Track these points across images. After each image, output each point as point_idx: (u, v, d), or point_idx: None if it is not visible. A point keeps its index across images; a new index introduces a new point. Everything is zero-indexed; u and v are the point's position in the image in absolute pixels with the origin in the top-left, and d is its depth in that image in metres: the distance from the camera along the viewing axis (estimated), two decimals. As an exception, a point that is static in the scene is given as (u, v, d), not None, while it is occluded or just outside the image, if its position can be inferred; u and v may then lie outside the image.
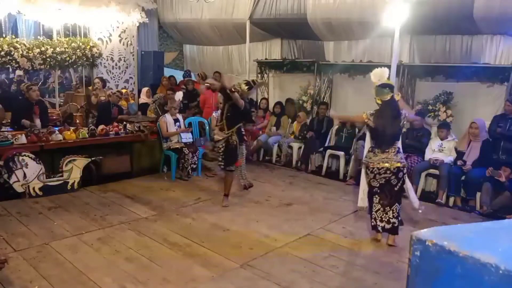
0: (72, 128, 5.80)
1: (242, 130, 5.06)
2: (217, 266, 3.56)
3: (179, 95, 6.75)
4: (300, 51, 8.30)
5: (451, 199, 5.51)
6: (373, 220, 4.11)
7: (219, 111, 7.11)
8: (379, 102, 4.02)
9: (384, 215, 4.03)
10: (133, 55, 8.17)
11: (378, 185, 4.04)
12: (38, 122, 5.87)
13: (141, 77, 8.55)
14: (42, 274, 3.30)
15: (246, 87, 4.96)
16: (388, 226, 4.02)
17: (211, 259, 3.69)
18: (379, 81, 4.02)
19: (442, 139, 5.82)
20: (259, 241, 4.10)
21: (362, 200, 4.36)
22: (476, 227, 1.10)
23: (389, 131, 4.00)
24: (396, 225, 4.02)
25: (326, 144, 7.17)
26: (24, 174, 5.04)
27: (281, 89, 8.63)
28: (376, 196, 4.08)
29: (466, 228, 1.08)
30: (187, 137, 6.47)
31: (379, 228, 4.06)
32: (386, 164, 3.97)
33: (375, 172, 4.02)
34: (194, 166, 6.34)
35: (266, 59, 8.48)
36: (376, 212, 4.08)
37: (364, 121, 4.23)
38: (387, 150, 4.00)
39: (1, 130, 5.49)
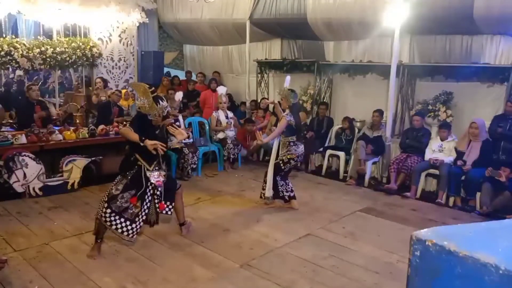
0: (72, 128, 5.80)
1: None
2: (217, 266, 3.56)
3: (179, 95, 6.75)
4: (300, 51, 8.30)
5: (451, 199, 5.51)
6: (288, 193, 5.01)
7: (219, 111, 7.12)
8: (290, 103, 4.82)
9: (288, 187, 5.06)
10: (133, 55, 8.17)
11: (288, 169, 5.04)
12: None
13: (141, 77, 8.54)
14: (42, 274, 3.30)
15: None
16: (292, 194, 5.07)
17: (211, 259, 3.69)
18: (288, 87, 4.93)
19: (443, 140, 5.82)
20: (259, 241, 4.10)
21: (269, 190, 4.95)
22: (476, 227, 1.10)
23: (300, 127, 5.14)
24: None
25: (326, 144, 7.17)
26: (24, 174, 5.04)
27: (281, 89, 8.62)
28: (287, 177, 5.08)
29: (466, 228, 1.08)
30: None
31: (287, 197, 5.03)
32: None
33: (298, 160, 5.04)
34: (194, 166, 6.34)
35: (266, 59, 8.48)
36: (287, 186, 5.04)
37: (287, 124, 4.82)
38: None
39: (1, 130, 5.48)
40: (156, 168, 3.68)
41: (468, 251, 0.90)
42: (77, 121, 6.38)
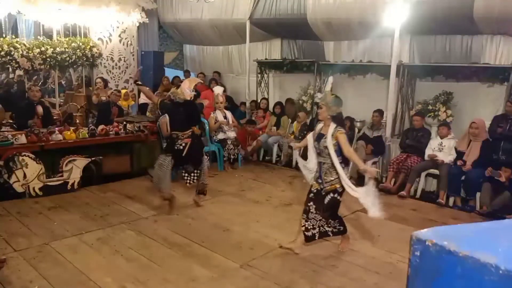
0: (72, 128, 5.80)
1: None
2: (217, 266, 3.56)
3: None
4: (300, 51, 8.30)
5: (451, 199, 5.51)
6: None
7: (217, 111, 7.10)
8: (334, 113, 3.87)
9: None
10: (133, 55, 8.17)
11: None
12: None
13: (141, 77, 8.54)
14: (42, 274, 3.30)
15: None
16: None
17: (211, 259, 3.69)
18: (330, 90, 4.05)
19: (442, 138, 5.81)
20: (259, 241, 4.10)
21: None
22: (476, 227, 1.10)
23: None
24: None
25: (326, 144, 7.15)
26: (24, 174, 5.04)
27: (281, 89, 8.62)
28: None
29: (466, 228, 1.08)
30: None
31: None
32: None
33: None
34: None
35: (266, 59, 8.48)
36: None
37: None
38: None
39: (1, 130, 5.48)
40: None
41: (468, 251, 0.90)
42: (77, 121, 6.38)
